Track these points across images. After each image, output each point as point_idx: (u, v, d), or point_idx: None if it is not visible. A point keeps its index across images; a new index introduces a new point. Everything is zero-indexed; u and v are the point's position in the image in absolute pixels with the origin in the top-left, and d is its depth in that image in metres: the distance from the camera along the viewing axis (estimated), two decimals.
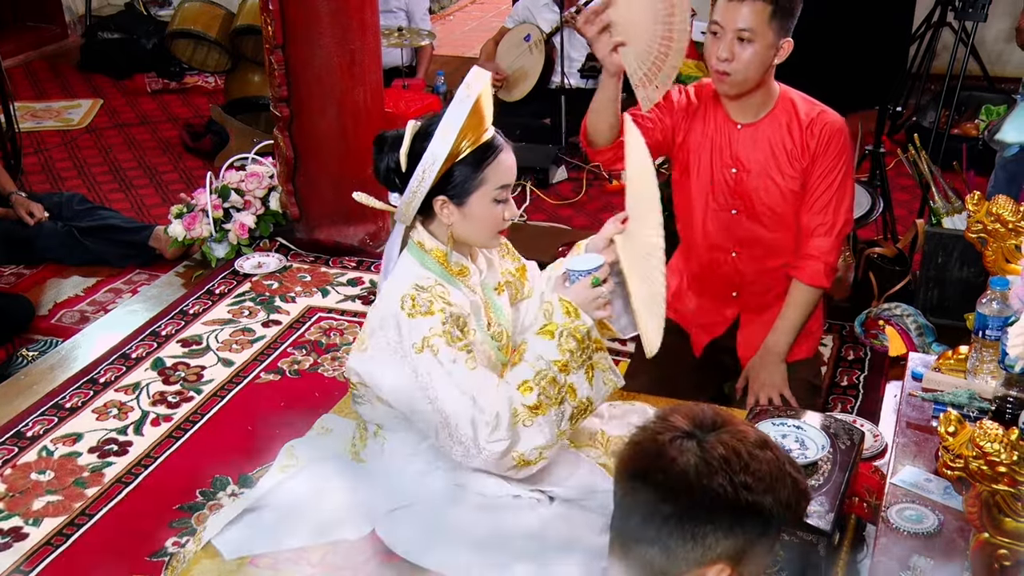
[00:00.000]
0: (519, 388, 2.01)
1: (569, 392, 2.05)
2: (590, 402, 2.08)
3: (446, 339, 1.99)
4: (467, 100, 2.00)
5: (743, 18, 2.42)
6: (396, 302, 2.02)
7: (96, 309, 3.76)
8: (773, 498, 1.26)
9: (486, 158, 2.05)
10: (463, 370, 1.99)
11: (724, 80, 2.50)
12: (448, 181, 2.04)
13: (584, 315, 2.05)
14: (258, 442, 2.83)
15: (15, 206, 4.08)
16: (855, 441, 2.09)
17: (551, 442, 2.03)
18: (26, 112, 5.65)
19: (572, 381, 2.05)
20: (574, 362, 2.04)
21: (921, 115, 4.96)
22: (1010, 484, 1.61)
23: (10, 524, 2.62)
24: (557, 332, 2.04)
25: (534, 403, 2.00)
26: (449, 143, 2.00)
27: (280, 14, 3.69)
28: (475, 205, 2.06)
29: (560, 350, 2.03)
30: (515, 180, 2.12)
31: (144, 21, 6.61)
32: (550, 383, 2.02)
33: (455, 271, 2.11)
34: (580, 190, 4.76)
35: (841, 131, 2.58)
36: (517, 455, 2.01)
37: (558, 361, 2.03)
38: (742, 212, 2.64)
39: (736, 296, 2.75)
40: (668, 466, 1.27)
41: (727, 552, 1.26)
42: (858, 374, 3.21)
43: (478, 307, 2.13)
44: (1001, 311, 2.06)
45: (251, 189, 4.05)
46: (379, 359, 2.07)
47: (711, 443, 1.27)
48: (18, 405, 3.10)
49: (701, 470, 1.25)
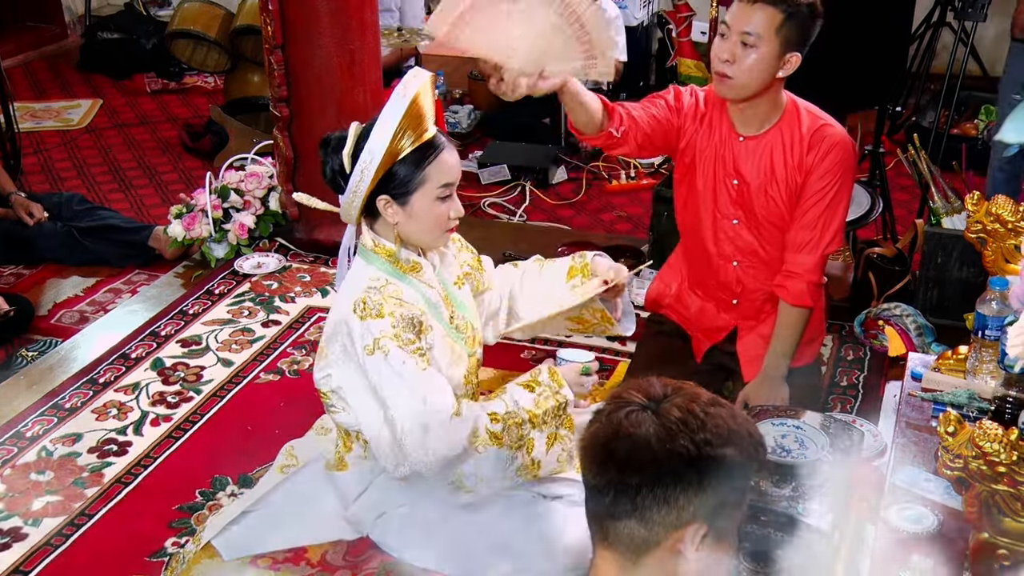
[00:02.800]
0: (488, 414, 2.04)
1: (528, 445, 2.07)
2: (538, 466, 2.10)
3: (397, 342, 1.99)
4: (403, 99, 2.01)
5: (751, 22, 2.38)
6: (348, 306, 2.04)
7: (96, 309, 3.76)
8: (734, 449, 1.31)
9: (427, 157, 2.05)
10: (414, 371, 1.99)
11: (724, 82, 2.46)
12: (390, 180, 2.05)
13: (567, 388, 2.11)
14: (258, 442, 2.84)
15: (15, 206, 4.07)
16: (854, 441, 2.09)
17: (492, 480, 2.05)
18: (26, 112, 5.65)
19: (534, 437, 2.07)
20: (544, 421, 2.08)
21: (921, 115, 4.96)
22: (1010, 484, 1.61)
23: (10, 524, 2.62)
24: (539, 389, 2.09)
25: (497, 432, 2.03)
26: (385, 141, 2.00)
27: (280, 14, 3.69)
28: (418, 204, 2.07)
29: (536, 404, 2.07)
30: (459, 179, 2.12)
31: (144, 21, 6.61)
32: (516, 426, 2.05)
33: (406, 268, 2.11)
34: (580, 190, 4.76)
35: (841, 146, 2.52)
36: (459, 473, 2.04)
37: (531, 411, 2.06)
38: (743, 223, 2.62)
39: (736, 304, 2.75)
40: (629, 439, 1.31)
41: (700, 511, 1.30)
42: (858, 374, 3.21)
43: (436, 302, 2.13)
44: (1000, 311, 2.06)
45: (251, 189, 4.05)
46: (338, 366, 2.08)
47: (666, 409, 1.32)
48: (18, 405, 3.10)
49: (662, 436, 1.30)
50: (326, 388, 2.12)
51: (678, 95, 2.62)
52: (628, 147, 2.52)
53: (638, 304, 3.42)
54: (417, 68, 2.11)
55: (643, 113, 2.54)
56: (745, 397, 2.67)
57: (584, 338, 2.34)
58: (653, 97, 2.63)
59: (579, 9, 2.16)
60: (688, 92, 2.63)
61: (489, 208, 4.54)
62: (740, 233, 2.63)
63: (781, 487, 1.95)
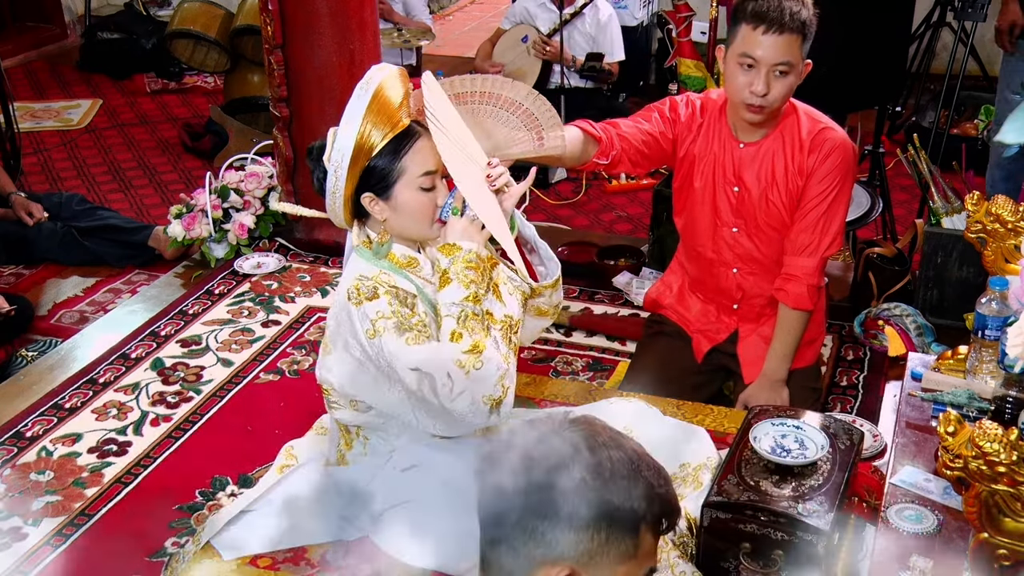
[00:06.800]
0: (451, 340, 1.99)
1: (489, 318, 2.05)
2: (509, 318, 2.09)
3: (395, 319, 1.99)
4: (364, 95, 2.00)
5: (785, 53, 2.37)
6: (343, 297, 2.05)
7: (95, 309, 3.76)
8: (619, 496, 1.23)
9: (402, 147, 2.04)
10: (413, 346, 1.98)
11: (758, 112, 2.46)
12: (370, 176, 2.05)
13: (464, 243, 2.04)
14: (257, 442, 2.84)
15: (14, 206, 4.08)
16: (854, 441, 2.09)
17: (503, 369, 2.00)
18: (25, 112, 5.65)
19: (486, 307, 2.05)
20: (480, 289, 2.03)
21: (920, 115, 4.96)
22: (1010, 484, 1.61)
23: (10, 524, 2.62)
24: (452, 273, 2.03)
25: (470, 345, 1.98)
26: (351, 137, 1.99)
27: (279, 14, 3.69)
28: (401, 196, 2.06)
29: (463, 285, 2.02)
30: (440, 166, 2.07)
31: (143, 21, 6.61)
32: (473, 319, 2.00)
33: (402, 264, 2.11)
34: (580, 190, 4.77)
35: (841, 149, 2.52)
36: (486, 398, 1.99)
37: (467, 297, 2.01)
38: (743, 230, 2.62)
39: (736, 308, 2.75)
40: (509, 461, 1.25)
41: (568, 551, 1.23)
42: (857, 374, 3.21)
43: (434, 299, 2.11)
44: (1000, 311, 2.06)
45: (250, 189, 4.05)
46: (344, 359, 2.08)
47: (557, 438, 1.26)
48: (17, 405, 3.10)
49: (544, 463, 1.23)
50: (327, 384, 2.13)
51: (673, 106, 2.62)
52: (622, 167, 2.56)
53: (637, 304, 3.44)
54: (383, 63, 2.11)
55: (635, 130, 2.54)
56: (745, 399, 2.67)
57: None
58: (648, 109, 2.64)
59: (518, 98, 2.25)
60: (684, 102, 2.63)
61: None
62: (740, 240, 2.63)
63: (781, 487, 1.95)
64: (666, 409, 2.48)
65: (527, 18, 5.24)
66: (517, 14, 5.32)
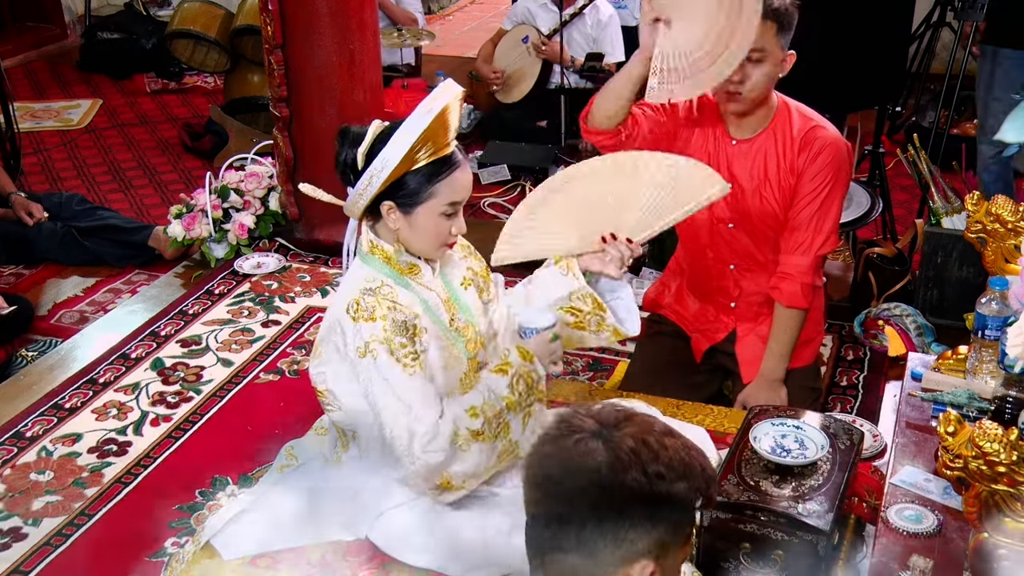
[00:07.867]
0: (467, 412, 2.03)
1: (504, 430, 2.07)
2: (516, 446, 2.10)
3: (388, 346, 1.99)
4: (430, 113, 1.98)
5: (757, 40, 2.37)
6: (342, 307, 2.04)
7: (95, 309, 3.76)
8: (687, 484, 1.26)
9: (440, 173, 2.04)
10: (401, 377, 1.99)
11: (736, 100, 2.46)
12: (400, 188, 2.04)
13: (538, 363, 2.11)
14: (258, 442, 2.84)
15: (14, 206, 4.07)
16: (854, 441, 2.09)
17: (478, 472, 2.05)
18: (25, 112, 5.65)
19: (510, 420, 2.08)
20: (519, 404, 2.08)
21: (920, 115, 4.96)
22: (1010, 484, 1.61)
23: (10, 524, 2.62)
24: (511, 372, 2.08)
25: (477, 429, 2.02)
26: (402, 152, 1.99)
27: (279, 14, 3.69)
28: (422, 216, 2.06)
29: (511, 389, 2.07)
30: (467, 198, 2.10)
31: (143, 21, 6.61)
32: (495, 416, 2.05)
33: (404, 270, 2.11)
34: None
35: (832, 146, 2.52)
36: (447, 475, 2.03)
37: (507, 398, 2.06)
38: (739, 227, 2.62)
39: (734, 307, 2.75)
40: (578, 468, 1.24)
41: (649, 547, 1.25)
42: (857, 374, 3.21)
43: (435, 305, 2.12)
44: (1000, 311, 2.06)
45: (250, 189, 4.05)
46: (331, 364, 2.08)
47: (618, 438, 1.25)
48: (17, 405, 3.10)
49: (614, 467, 1.23)
50: (321, 386, 2.13)
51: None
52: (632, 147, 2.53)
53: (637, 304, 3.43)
54: (450, 81, 2.07)
55: (641, 114, 2.54)
56: (744, 399, 2.67)
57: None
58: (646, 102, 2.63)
59: (741, 26, 2.25)
60: None
61: (489, 208, 4.55)
62: (736, 236, 2.63)
63: (781, 487, 1.95)
64: (665, 409, 2.48)
65: (528, 18, 5.24)
66: (518, 14, 5.32)
